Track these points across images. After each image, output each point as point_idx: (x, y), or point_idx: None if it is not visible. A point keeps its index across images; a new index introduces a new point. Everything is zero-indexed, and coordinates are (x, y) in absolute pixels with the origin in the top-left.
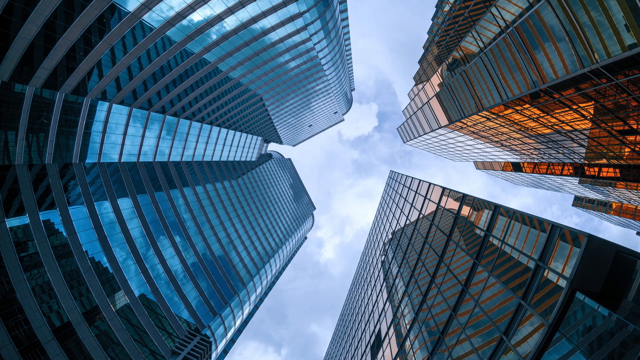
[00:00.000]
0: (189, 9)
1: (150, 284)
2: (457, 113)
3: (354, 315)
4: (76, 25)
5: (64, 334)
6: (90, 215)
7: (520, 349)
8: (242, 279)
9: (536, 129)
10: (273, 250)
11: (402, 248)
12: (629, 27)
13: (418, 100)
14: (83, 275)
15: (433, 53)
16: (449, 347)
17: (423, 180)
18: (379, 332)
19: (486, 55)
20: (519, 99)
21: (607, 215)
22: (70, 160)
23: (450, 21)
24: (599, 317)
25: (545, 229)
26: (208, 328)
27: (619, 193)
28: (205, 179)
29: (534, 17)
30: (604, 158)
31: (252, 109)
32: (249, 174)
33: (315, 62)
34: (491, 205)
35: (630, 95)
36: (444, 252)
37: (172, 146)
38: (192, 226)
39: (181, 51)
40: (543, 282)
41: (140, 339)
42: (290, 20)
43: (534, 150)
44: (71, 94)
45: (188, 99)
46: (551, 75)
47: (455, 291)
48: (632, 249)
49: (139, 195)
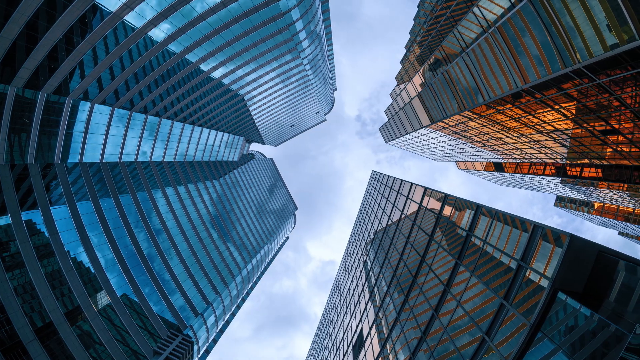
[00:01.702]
0: (171, 9)
1: (132, 283)
2: (439, 113)
3: (336, 315)
4: (58, 25)
5: (46, 334)
6: (72, 215)
7: (502, 349)
8: (224, 279)
9: (518, 129)
10: (255, 250)
11: (384, 248)
12: (611, 27)
13: (400, 100)
14: (65, 275)
15: (415, 53)
16: (431, 347)
17: (405, 181)
18: (361, 332)
19: (468, 55)
20: (501, 99)
21: (589, 215)
22: (52, 160)
23: (432, 21)
24: (580, 317)
25: (527, 229)
26: (190, 328)
27: (601, 193)
28: (187, 179)
29: (516, 17)
30: (586, 158)
31: (234, 108)
32: (231, 174)
33: (297, 62)
34: (473, 205)
35: (612, 95)
36: (426, 252)
37: (154, 146)
38: (174, 226)
39: (163, 51)
40: (525, 282)
41: (122, 339)
42: (272, 20)
43: (515, 150)
44: (53, 94)
45: (170, 98)
46: (533, 75)
47: (437, 291)
48: (614, 249)
49: (121, 196)
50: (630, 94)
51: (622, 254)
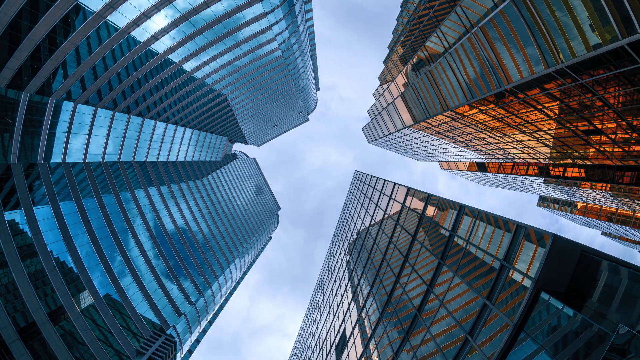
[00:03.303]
0: (154, 9)
1: (115, 284)
2: (422, 113)
3: (318, 315)
4: (41, 25)
5: (29, 333)
6: (55, 215)
7: (485, 349)
8: (207, 279)
9: (501, 129)
10: (238, 251)
11: (367, 248)
12: (594, 27)
13: (383, 100)
14: (48, 275)
15: (398, 53)
16: (413, 347)
17: (388, 180)
18: (343, 332)
19: (451, 55)
20: (484, 99)
21: (572, 215)
22: (35, 160)
23: (415, 21)
24: (563, 317)
25: (510, 229)
26: (173, 328)
27: (584, 193)
28: (170, 179)
29: (499, 17)
30: (569, 158)
31: (217, 108)
32: (214, 174)
33: (280, 62)
34: (456, 205)
35: (595, 95)
36: (409, 252)
37: (137, 146)
38: (157, 226)
39: (146, 51)
40: (508, 282)
41: (105, 339)
42: (255, 21)
43: (498, 150)
44: (36, 94)
45: (153, 99)
46: (516, 75)
47: (420, 291)
48: (597, 249)
49: (104, 195)
50: (613, 94)
51: (605, 254)
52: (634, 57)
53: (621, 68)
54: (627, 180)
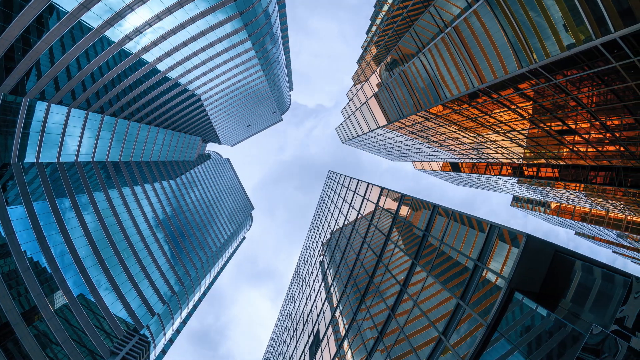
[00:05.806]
0: (128, 9)
1: (88, 283)
2: (396, 113)
3: (292, 315)
4: (15, 26)
5: (2, 334)
6: (28, 215)
7: (458, 348)
8: (181, 279)
9: (475, 129)
10: (211, 250)
11: (341, 248)
12: (567, 27)
13: (357, 100)
14: (21, 275)
15: (372, 53)
16: (387, 347)
17: (361, 180)
18: (317, 332)
19: (424, 55)
20: (457, 99)
21: (546, 215)
22: (9, 160)
23: (389, 21)
24: (537, 317)
25: (483, 228)
26: (147, 328)
27: (558, 193)
28: (144, 179)
29: (473, 17)
30: (543, 158)
31: (190, 109)
32: (187, 174)
33: (254, 62)
34: (430, 205)
35: (568, 96)
36: (383, 252)
37: (111, 146)
38: (131, 226)
39: (120, 51)
40: (481, 282)
41: (79, 339)
42: (228, 20)
43: (472, 150)
44: (10, 93)
45: (126, 99)
46: (490, 75)
47: (394, 291)
48: (571, 249)
49: (77, 195)
50: (587, 94)
51: (578, 254)
52: (607, 57)
53: (595, 68)
54: (601, 180)
